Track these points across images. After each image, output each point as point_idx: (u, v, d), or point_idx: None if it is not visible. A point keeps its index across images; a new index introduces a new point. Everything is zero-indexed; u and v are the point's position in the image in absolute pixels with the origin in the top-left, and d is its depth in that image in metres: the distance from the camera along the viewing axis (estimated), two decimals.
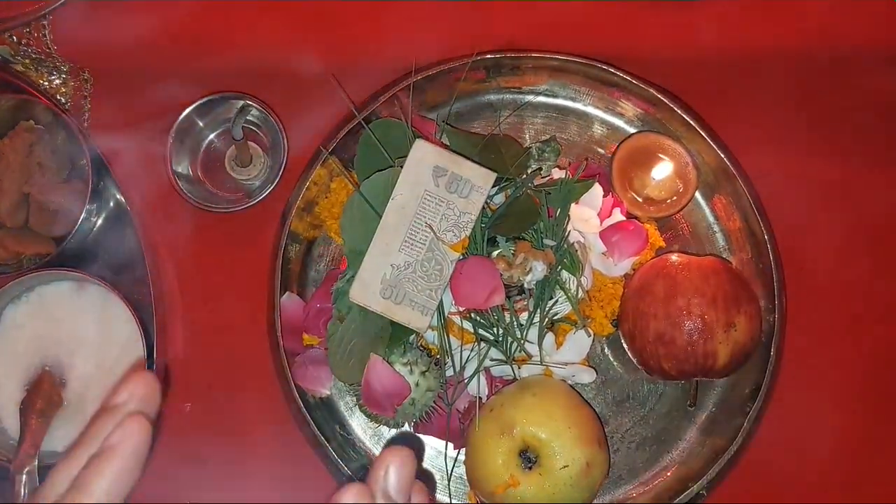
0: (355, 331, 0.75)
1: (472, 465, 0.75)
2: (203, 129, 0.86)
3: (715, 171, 0.83)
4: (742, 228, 0.83)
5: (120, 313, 0.79)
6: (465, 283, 0.73)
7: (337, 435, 0.80)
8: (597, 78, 0.83)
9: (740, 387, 0.81)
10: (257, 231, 0.84)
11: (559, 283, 0.75)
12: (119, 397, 0.43)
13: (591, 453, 0.73)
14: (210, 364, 0.83)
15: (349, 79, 0.84)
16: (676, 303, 0.74)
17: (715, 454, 0.79)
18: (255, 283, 0.83)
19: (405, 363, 0.74)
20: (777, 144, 0.86)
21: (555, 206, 0.77)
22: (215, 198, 0.85)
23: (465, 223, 0.73)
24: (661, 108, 0.82)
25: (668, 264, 0.78)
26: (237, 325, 0.83)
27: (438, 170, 0.73)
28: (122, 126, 0.85)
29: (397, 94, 0.80)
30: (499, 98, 0.85)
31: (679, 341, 0.74)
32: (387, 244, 0.73)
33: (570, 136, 0.85)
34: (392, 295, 0.73)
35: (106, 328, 0.80)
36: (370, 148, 0.78)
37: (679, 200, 0.81)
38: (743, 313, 0.75)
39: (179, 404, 0.83)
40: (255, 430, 0.82)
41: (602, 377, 0.81)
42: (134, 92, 0.86)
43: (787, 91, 0.88)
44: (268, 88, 0.85)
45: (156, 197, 0.84)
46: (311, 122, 0.84)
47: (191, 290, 0.84)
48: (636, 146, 0.81)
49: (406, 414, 0.75)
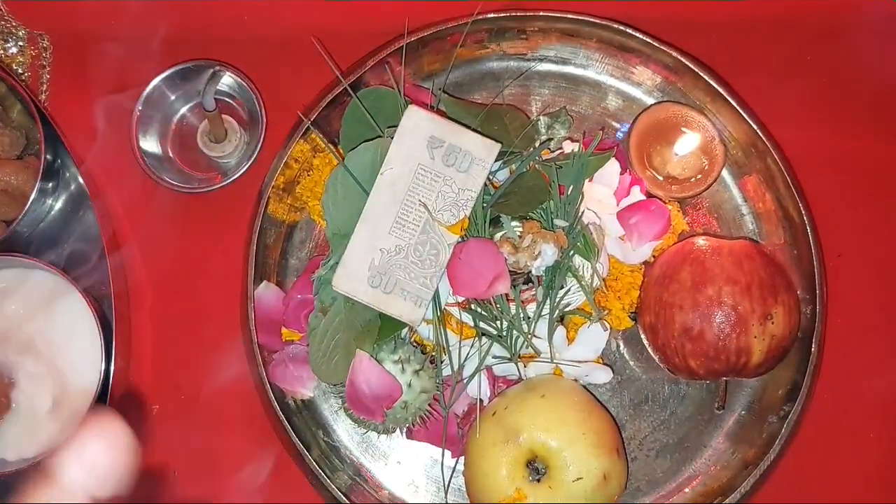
0: (340, 324, 0.73)
1: (472, 477, 0.73)
2: (174, 102, 0.84)
3: (744, 146, 0.81)
4: (775, 211, 0.81)
5: (76, 306, 0.76)
6: (464, 270, 0.72)
7: (320, 442, 0.79)
8: (612, 42, 0.81)
9: (774, 387, 0.78)
10: (233, 214, 0.82)
11: (571, 270, 0.74)
12: None
13: (609, 463, 0.71)
14: (180, 362, 0.81)
15: (334, 43, 0.82)
16: (706, 291, 0.72)
17: (745, 464, 0.77)
18: (230, 272, 0.81)
19: (396, 361, 0.73)
20: (812, 118, 0.84)
21: (567, 183, 0.75)
22: (187, 177, 0.83)
23: (465, 201, 0.72)
24: (683, 76, 0.80)
25: (696, 248, 0.75)
26: (211, 319, 0.81)
27: (434, 140, 0.72)
28: (83, 98, 0.83)
29: (388, 59, 0.78)
30: (502, 66, 0.83)
31: (709, 335, 0.72)
32: (375, 226, 0.72)
33: (582, 109, 0.83)
34: (381, 283, 0.72)
35: (60, 322, 0.77)
36: (357, 119, 0.76)
37: (704, 179, 0.78)
38: (781, 303, 0.73)
39: (145, 406, 0.80)
40: (229, 437, 0.80)
41: (618, 377, 0.80)
42: (97, 61, 0.83)
43: (824, 58, 0.85)
44: (245, 55, 0.83)
45: (121, 177, 0.83)
46: (292, 93, 0.82)
47: (160, 281, 0.82)
48: (656, 119, 0.79)
49: (397, 418, 0.73)
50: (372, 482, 0.78)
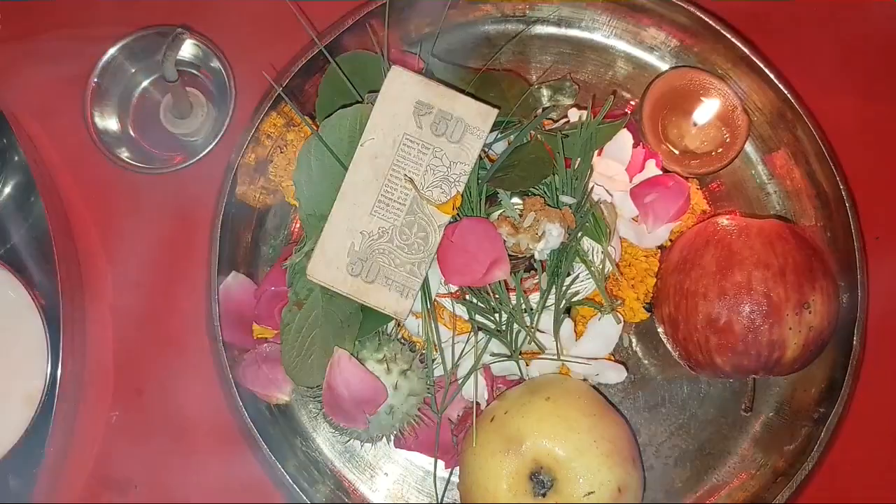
0: (316, 319, 0.71)
1: (468, 491, 0.72)
2: (135, 75, 0.82)
3: (771, 116, 0.78)
4: (805, 188, 0.78)
5: (21, 301, 0.74)
6: (457, 254, 0.69)
7: (297, 452, 0.77)
8: (620, 0, 0.79)
9: (806, 386, 0.76)
10: (200, 197, 0.79)
11: (580, 255, 0.71)
12: None
13: (623, 475, 0.69)
14: (141, 363, 0.79)
15: (313, 7, 0.79)
16: (733, 277, 0.70)
17: (776, 474, 0.75)
18: (197, 262, 0.78)
19: (380, 360, 0.71)
20: (845, 84, 0.82)
21: (573, 155, 0.73)
22: (149, 157, 0.81)
23: (458, 176, 0.69)
24: (702, 38, 0.78)
25: (720, 229, 0.73)
26: (175, 315, 0.79)
27: (422, 106, 0.69)
28: (32, 71, 0.81)
29: (370, 21, 0.75)
30: (498, 29, 0.81)
31: (737, 327, 0.70)
32: (355, 205, 0.70)
33: (588, 77, 0.81)
34: (362, 271, 0.69)
35: (2, 319, 0.74)
36: (335, 87, 0.73)
37: (725, 153, 0.76)
38: (819, 290, 0.70)
39: (104, 413, 0.78)
40: (196, 447, 0.78)
41: (631, 376, 0.78)
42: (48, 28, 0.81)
43: (858, 17, 0.82)
44: (212, 20, 0.81)
45: (75, 158, 0.81)
46: (264, 61, 0.78)
47: (120, 272, 0.80)
48: (671, 86, 0.77)
49: (382, 425, 0.71)
50: (356, 496, 0.77)
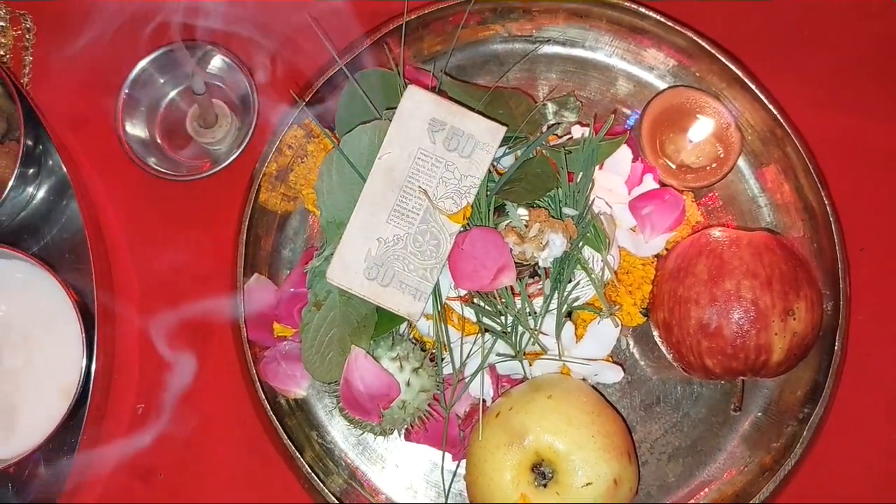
0: (334, 319, 0.72)
1: (474, 482, 0.73)
2: (163, 86, 0.83)
3: (762, 133, 0.80)
4: (794, 202, 0.79)
5: (57, 298, 0.75)
6: (466, 261, 0.70)
7: (313, 444, 0.78)
8: (622, 23, 0.80)
9: (792, 387, 0.78)
10: (223, 203, 0.81)
11: (581, 262, 0.73)
12: None
13: (620, 468, 0.70)
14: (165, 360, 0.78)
15: (332, 25, 0.80)
16: (723, 285, 0.71)
17: (762, 469, 0.77)
18: (220, 265, 0.80)
19: (394, 358, 0.72)
20: (833, 103, 0.83)
21: (576, 169, 0.74)
22: (175, 164, 0.82)
23: (468, 188, 0.71)
24: (698, 59, 0.80)
25: (712, 240, 0.74)
26: (198, 314, 0.79)
27: (435, 123, 0.70)
28: (68, 81, 0.83)
29: (387, 40, 0.77)
30: (507, 48, 0.82)
31: (726, 332, 0.71)
32: (372, 214, 0.71)
33: (591, 94, 0.82)
34: (378, 276, 0.71)
35: (39, 315, 0.76)
36: (354, 102, 0.75)
37: (719, 168, 0.77)
38: (803, 298, 0.72)
39: (130, 405, 0.79)
40: (218, 438, 0.79)
41: (628, 377, 0.79)
42: (83, 42, 0.82)
43: (847, 39, 0.83)
44: (237, 37, 0.82)
45: (106, 164, 0.82)
46: (286, 77, 0.81)
47: (146, 273, 0.81)
48: (669, 104, 0.78)
49: (395, 419, 0.72)
50: (368, 486, 0.77)
